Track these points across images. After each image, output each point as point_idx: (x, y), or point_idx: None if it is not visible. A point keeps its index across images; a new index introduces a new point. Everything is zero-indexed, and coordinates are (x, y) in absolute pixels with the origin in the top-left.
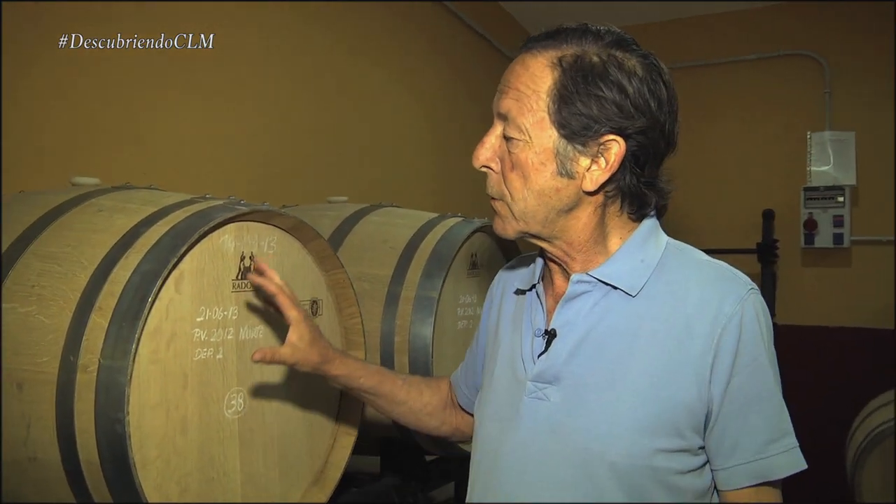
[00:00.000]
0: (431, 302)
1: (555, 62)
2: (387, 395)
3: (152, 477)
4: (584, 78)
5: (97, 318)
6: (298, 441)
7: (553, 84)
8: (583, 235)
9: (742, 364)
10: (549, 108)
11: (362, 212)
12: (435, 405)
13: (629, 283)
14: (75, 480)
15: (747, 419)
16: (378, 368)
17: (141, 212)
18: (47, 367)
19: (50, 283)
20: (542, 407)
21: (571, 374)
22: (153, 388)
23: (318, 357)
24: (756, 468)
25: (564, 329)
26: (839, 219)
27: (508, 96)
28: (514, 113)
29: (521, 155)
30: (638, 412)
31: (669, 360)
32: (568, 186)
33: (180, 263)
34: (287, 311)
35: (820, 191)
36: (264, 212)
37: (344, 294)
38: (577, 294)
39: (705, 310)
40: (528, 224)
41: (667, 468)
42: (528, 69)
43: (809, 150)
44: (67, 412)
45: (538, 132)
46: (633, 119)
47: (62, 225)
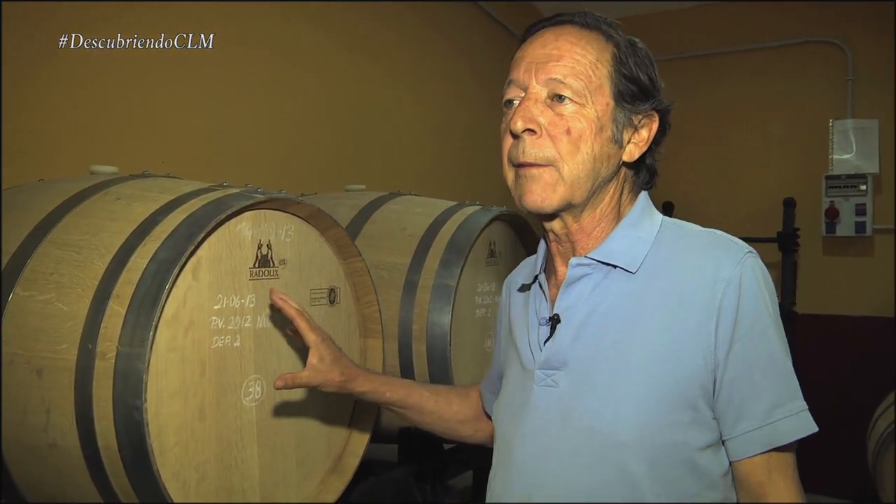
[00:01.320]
0: (449, 290)
1: (607, 36)
2: (415, 406)
3: (170, 464)
4: (633, 54)
5: (115, 306)
6: (316, 429)
7: (613, 55)
8: (606, 209)
9: (744, 327)
10: (611, 75)
11: (380, 200)
12: (466, 414)
13: (627, 260)
14: (94, 466)
15: (753, 383)
16: (403, 382)
17: (158, 200)
18: (66, 353)
19: (68, 270)
20: (552, 393)
21: (577, 357)
22: (171, 375)
23: (341, 377)
24: (765, 433)
25: (567, 313)
26: (861, 207)
27: (562, 62)
28: (571, 78)
29: (579, 120)
30: (645, 388)
31: (673, 333)
32: (616, 155)
33: (198, 251)
34: (306, 334)
35: (842, 179)
36: (281, 200)
37: (362, 282)
38: (577, 277)
39: (703, 277)
40: (574, 192)
41: (685, 443)
42: (583, 37)
43: (831, 138)
44: (86, 399)
45: (599, 97)
46: (659, 97)
47: (80, 213)
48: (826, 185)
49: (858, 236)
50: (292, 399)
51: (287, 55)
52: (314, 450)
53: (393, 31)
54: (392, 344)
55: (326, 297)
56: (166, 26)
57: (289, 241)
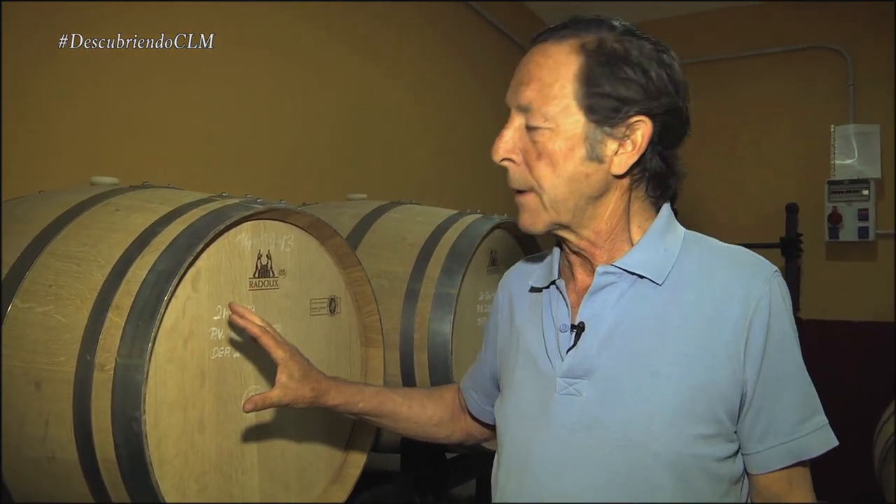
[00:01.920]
0: (451, 299)
1: (578, 48)
2: (389, 414)
3: (170, 475)
4: (608, 61)
5: (114, 317)
6: (317, 439)
7: (579, 68)
8: (610, 222)
9: (772, 345)
10: (576, 93)
11: (381, 209)
12: (441, 416)
13: (655, 271)
14: (93, 478)
15: (779, 400)
16: (376, 389)
17: (158, 211)
18: (65, 365)
19: (67, 282)
20: (575, 402)
21: (604, 366)
22: (170, 386)
23: (312, 392)
24: (790, 448)
25: (593, 321)
26: (864, 212)
27: (530, 87)
28: (537, 102)
29: (549, 143)
30: (675, 400)
31: (701, 346)
32: (597, 171)
33: (197, 262)
34: (274, 351)
35: (844, 184)
36: (281, 210)
37: (362, 292)
38: (603, 285)
39: (734, 294)
40: (559, 213)
41: (707, 454)
42: (549, 57)
43: (833, 144)
44: (85, 411)
45: (565, 118)
46: (656, 100)
47: (80, 224)
48: (829, 190)
49: (861, 241)
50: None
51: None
52: (315, 460)
53: (397, 38)
54: (393, 353)
55: (327, 306)
56: (166, 26)
57: (289, 251)
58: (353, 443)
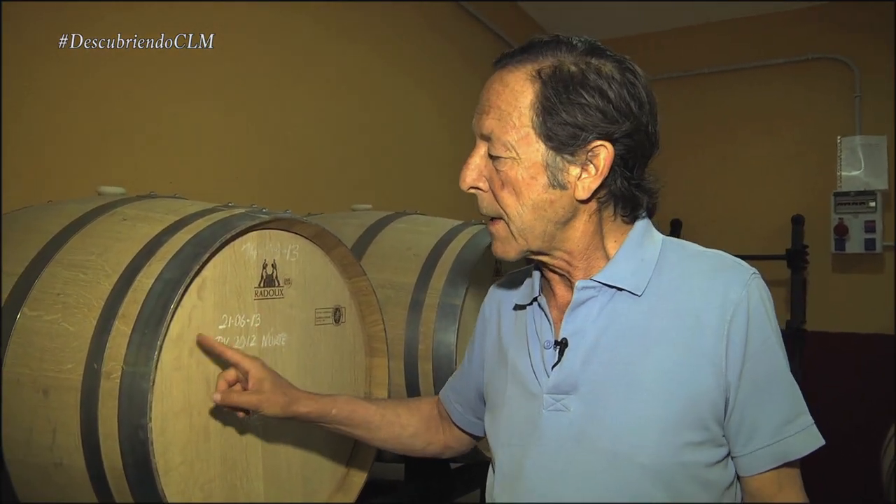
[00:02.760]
0: (455, 309)
1: (534, 75)
2: (362, 423)
3: (176, 482)
4: (565, 87)
5: (120, 326)
6: (321, 448)
7: (535, 97)
8: (581, 244)
9: (753, 348)
10: (533, 122)
11: (386, 219)
12: (416, 426)
13: (634, 282)
14: (99, 486)
15: (763, 402)
16: (348, 398)
17: (164, 220)
18: (72, 373)
19: (75, 291)
20: (562, 418)
21: (588, 380)
22: (176, 394)
23: (283, 397)
24: (776, 450)
25: (575, 337)
26: (871, 224)
27: (490, 116)
28: (497, 132)
29: (511, 172)
30: (661, 410)
31: (684, 354)
32: (561, 197)
33: (202, 271)
34: (242, 362)
35: (851, 196)
36: (286, 219)
37: (367, 301)
38: (583, 300)
39: (712, 299)
40: (528, 241)
41: (696, 462)
42: (507, 86)
43: (840, 155)
44: (91, 418)
45: (525, 147)
46: (617, 123)
47: (87, 234)
48: (835, 201)
49: (868, 253)
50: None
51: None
52: (319, 468)
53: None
54: (398, 363)
55: (332, 316)
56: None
57: (294, 261)
58: (358, 452)
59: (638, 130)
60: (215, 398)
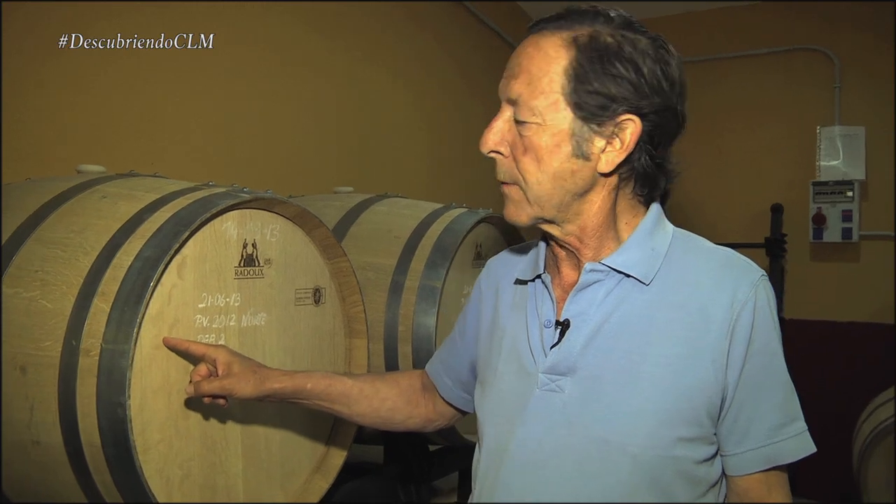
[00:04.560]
0: (435, 292)
1: (570, 41)
2: (339, 398)
3: (154, 460)
4: (599, 57)
5: (100, 303)
6: (300, 429)
7: (569, 63)
8: (596, 219)
9: (755, 349)
10: (563, 89)
11: (368, 202)
12: (395, 401)
13: (643, 271)
14: (77, 463)
15: (759, 404)
16: (324, 374)
17: (144, 199)
18: (50, 350)
19: (54, 268)
20: (555, 399)
21: (587, 364)
22: (155, 372)
23: (254, 375)
24: (767, 453)
25: (578, 319)
26: (848, 213)
27: (519, 79)
28: (525, 96)
29: (535, 138)
30: (657, 402)
31: (686, 348)
32: (583, 168)
33: (183, 249)
34: (207, 351)
35: (829, 185)
36: (267, 199)
37: (347, 283)
38: (590, 283)
39: (720, 296)
40: (542, 209)
41: (686, 457)
42: (540, 49)
43: (819, 145)
44: (70, 396)
45: (553, 114)
46: (648, 98)
47: (67, 211)
48: (813, 191)
49: (845, 242)
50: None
51: (275, 59)
52: (298, 449)
53: (385, 33)
54: (377, 345)
55: (311, 296)
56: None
57: (274, 241)
58: (337, 433)
59: (667, 109)
60: (188, 391)
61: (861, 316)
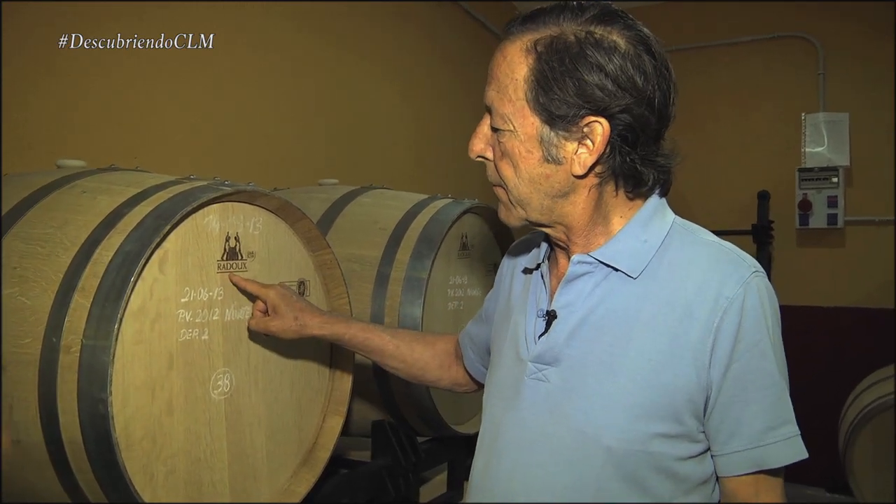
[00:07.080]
0: (421, 283)
1: (529, 47)
2: (374, 350)
3: (138, 457)
4: (559, 61)
5: (80, 299)
6: (287, 422)
7: (529, 71)
8: (582, 219)
9: (742, 349)
10: (527, 96)
11: (353, 194)
12: (427, 361)
13: (630, 264)
14: (59, 461)
15: (746, 406)
16: (364, 325)
17: (124, 193)
18: (30, 348)
19: (32, 264)
20: (541, 388)
21: (570, 356)
22: (137, 368)
23: (295, 323)
24: (753, 455)
25: (564, 311)
26: (833, 199)
27: (491, 87)
28: (496, 104)
29: (508, 144)
30: (635, 397)
31: (669, 344)
32: (557, 172)
33: (164, 243)
34: (258, 290)
35: (814, 172)
36: (249, 192)
37: (332, 275)
38: (577, 275)
39: (706, 293)
40: (526, 211)
41: (664, 453)
42: (506, 57)
43: (804, 132)
44: (50, 393)
45: (521, 121)
46: (615, 98)
47: (46, 206)
48: (799, 177)
49: (830, 228)
50: (262, 392)
51: (260, 54)
52: (285, 442)
53: (370, 26)
54: None
55: (296, 289)
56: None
57: (257, 234)
58: (324, 426)
59: (640, 104)
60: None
61: (847, 301)
